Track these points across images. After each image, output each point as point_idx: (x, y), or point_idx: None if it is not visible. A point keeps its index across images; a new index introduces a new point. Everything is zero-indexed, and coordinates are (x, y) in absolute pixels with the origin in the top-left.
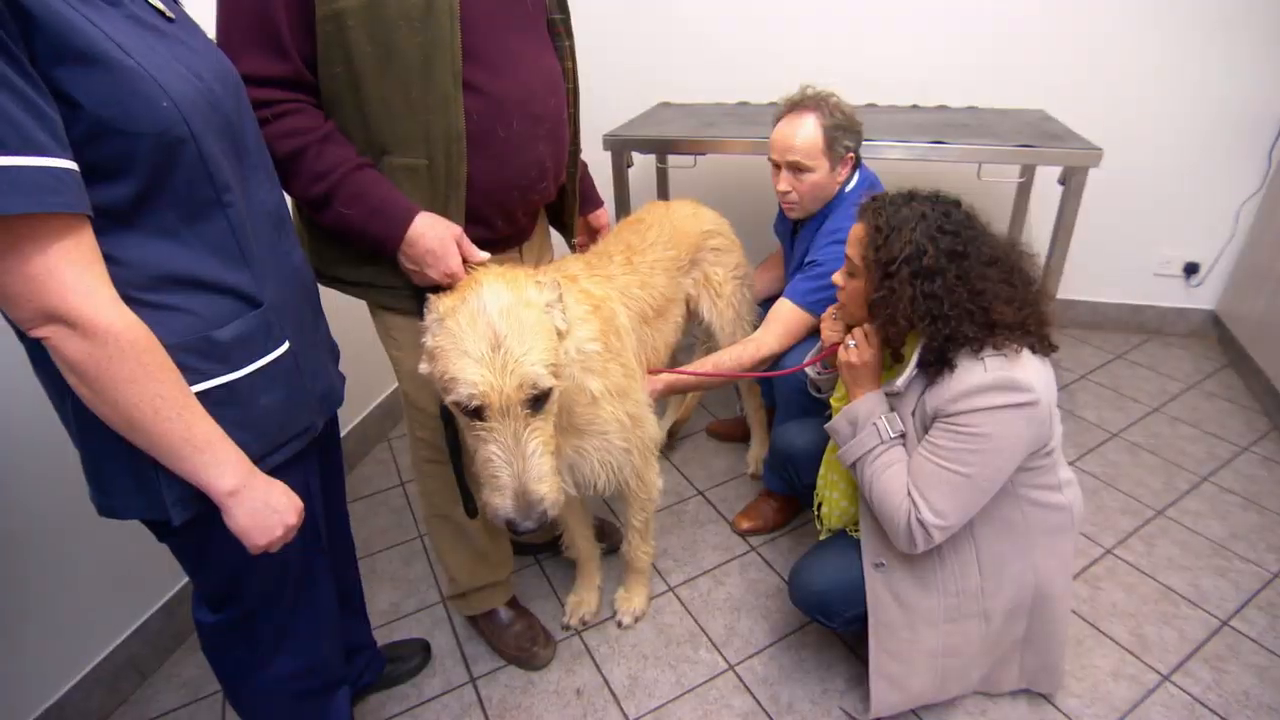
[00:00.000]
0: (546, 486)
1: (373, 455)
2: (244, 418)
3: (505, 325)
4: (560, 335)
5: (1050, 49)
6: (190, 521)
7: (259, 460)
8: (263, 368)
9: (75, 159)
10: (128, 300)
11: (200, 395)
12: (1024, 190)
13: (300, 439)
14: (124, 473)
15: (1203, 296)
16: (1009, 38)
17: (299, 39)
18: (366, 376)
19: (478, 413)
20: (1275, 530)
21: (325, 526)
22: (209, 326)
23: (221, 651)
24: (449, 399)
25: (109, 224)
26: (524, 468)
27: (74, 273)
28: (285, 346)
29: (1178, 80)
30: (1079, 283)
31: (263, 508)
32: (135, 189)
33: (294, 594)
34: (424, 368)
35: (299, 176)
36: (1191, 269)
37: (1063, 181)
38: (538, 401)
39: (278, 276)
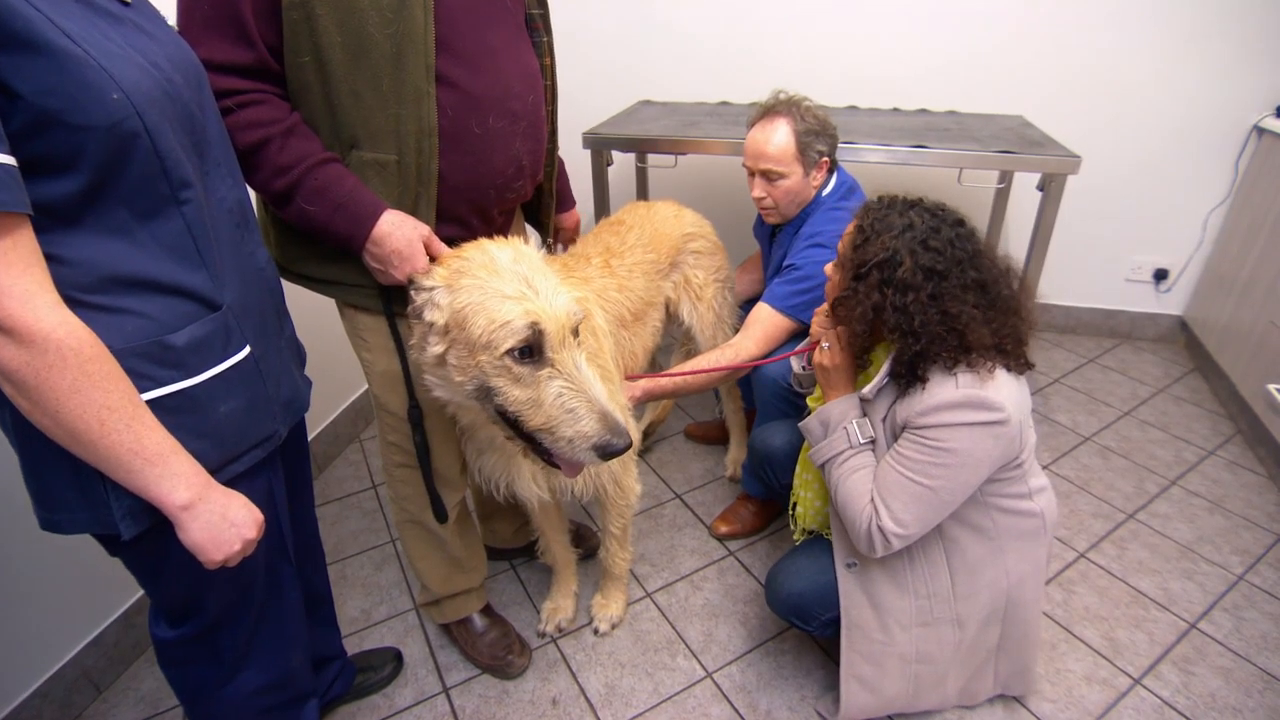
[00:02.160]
0: (619, 409)
1: (344, 456)
2: (201, 426)
3: (526, 268)
4: None
5: (1029, 57)
6: (142, 535)
7: (218, 470)
8: (222, 373)
9: (14, 153)
10: (74, 303)
11: (153, 403)
12: (1002, 195)
13: (262, 447)
14: (68, 485)
15: (1171, 302)
16: (990, 44)
17: (264, 25)
18: (338, 375)
19: (536, 350)
20: (1239, 533)
21: (292, 535)
22: (163, 330)
23: (181, 668)
24: (503, 348)
25: (53, 222)
26: (595, 392)
27: (10, 276)
28: (246, 351)
29: (1151, 91)
30: (1053, 287)
31: (219, 521)
32: (83, 185)
33: (259, 606)
34: (437, 349)
35: (261, 170)
36: (1161, 275)
37: (1041, 188)
38: (575, 332)
39: (239, 278)
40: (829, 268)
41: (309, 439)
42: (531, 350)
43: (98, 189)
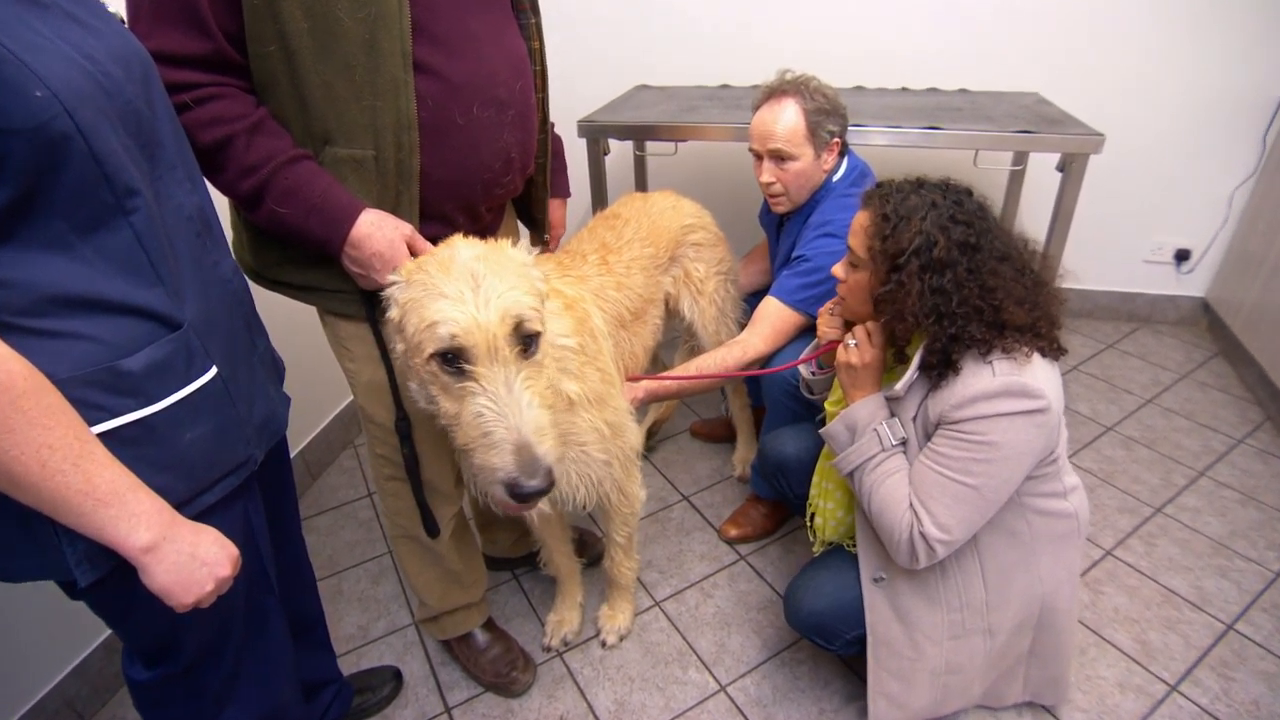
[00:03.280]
0: (549, 442)
1: (338, 463)
2: (164, 457)
3: (484, 266)
4: (540, 297)
5: (1043, 29)
6: (103, 580)
7: (186, 503)
8: (185, 398)
9: None
10: (8, 329)
11: (106, 436)
12: (1016, 178)
13: (236, 474)
14: (13, 528)
15: (1193, 283)
16: (1001, 17)
17: (221, 12)
18: (330, 378)
19: (461, 357)
20: (1275, 527)
21: (276, 560)
22: (115, 355)
23: (160, 709)
24: (427, 352)
25: None
26: (521, 419)
27: None
28: (212, 372)
29: (1172, 62)
30: (1067, 269)
31: (188, 561)
32: (9, 195)
33: (241, 642)
34: (399, 347)
35: (226, 170)
36: (1183, 255)
37: (1061, 168)
38: (527, 346)
39: (202, 291)
40: (838, 269)
41: (301, 447)
42: (456, 359)
43: (28, 200)
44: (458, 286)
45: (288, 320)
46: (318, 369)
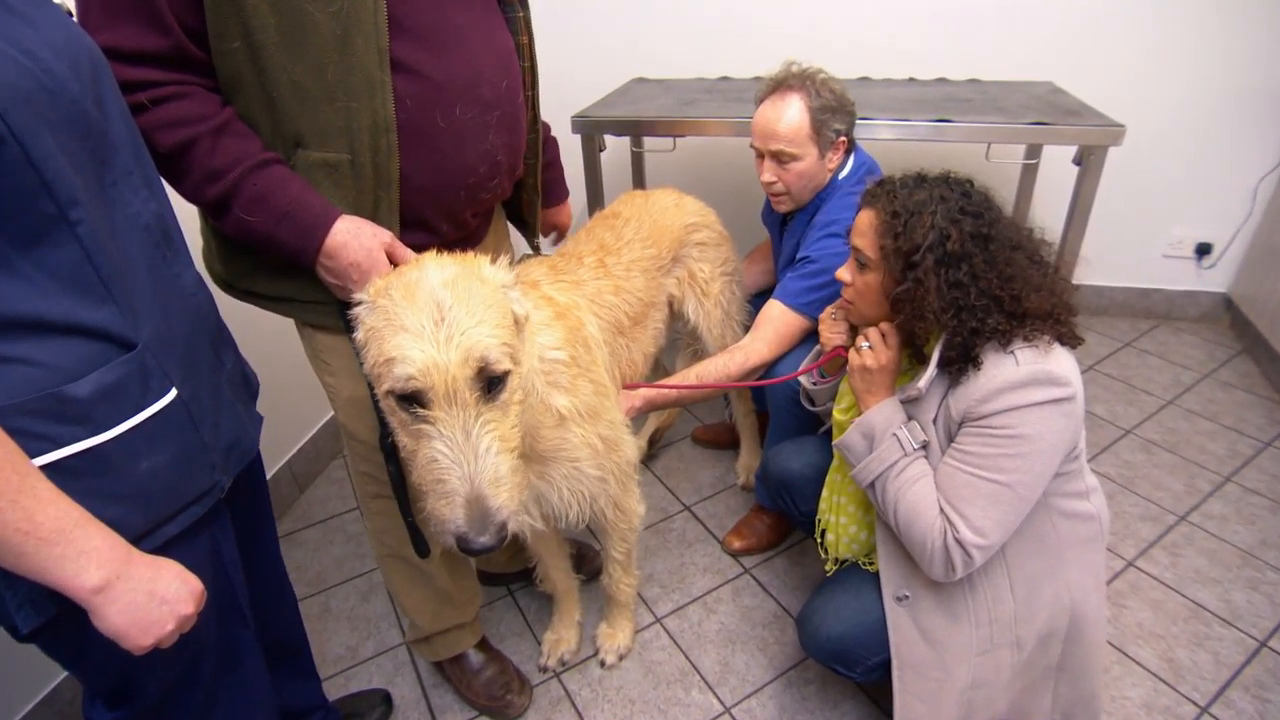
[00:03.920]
0: (505, 494)
1: (326, 474)
2: (118, 488)
3: (450, 296)
4: (518, 323)
5: (1055, 16)
6: (51, 623)
7: (144, 535)
8: (141, 424)
9: None
10: None
11: (52, 467)
12: (1029, 172)
13: (201, 502)
14: None
15: (1215, 278)
16: (1011, 2)
17: (180, 6)
18: (317, 386)
19: (418, 400)
20: None
21: (254, 588)
22: (59, 380)
23: None
24: (384, 388)
25: None
26: (476, 468)
27: None
28: (172, 395)
29: (1191, 48)
30: (1083, 265)
31: (145, 600)
32: None
33: (213, 678)
34: (366, 365)
35: (189, 175)
36: (1204, 249)
37: (1078, 161)
38: (491, 387)
39: (161, 307)
40: (843, 272)
41: (288, 458)
42: (412, 399)
43: None
44: (419, 319)
45: (273, 321)
46: (305, 374)
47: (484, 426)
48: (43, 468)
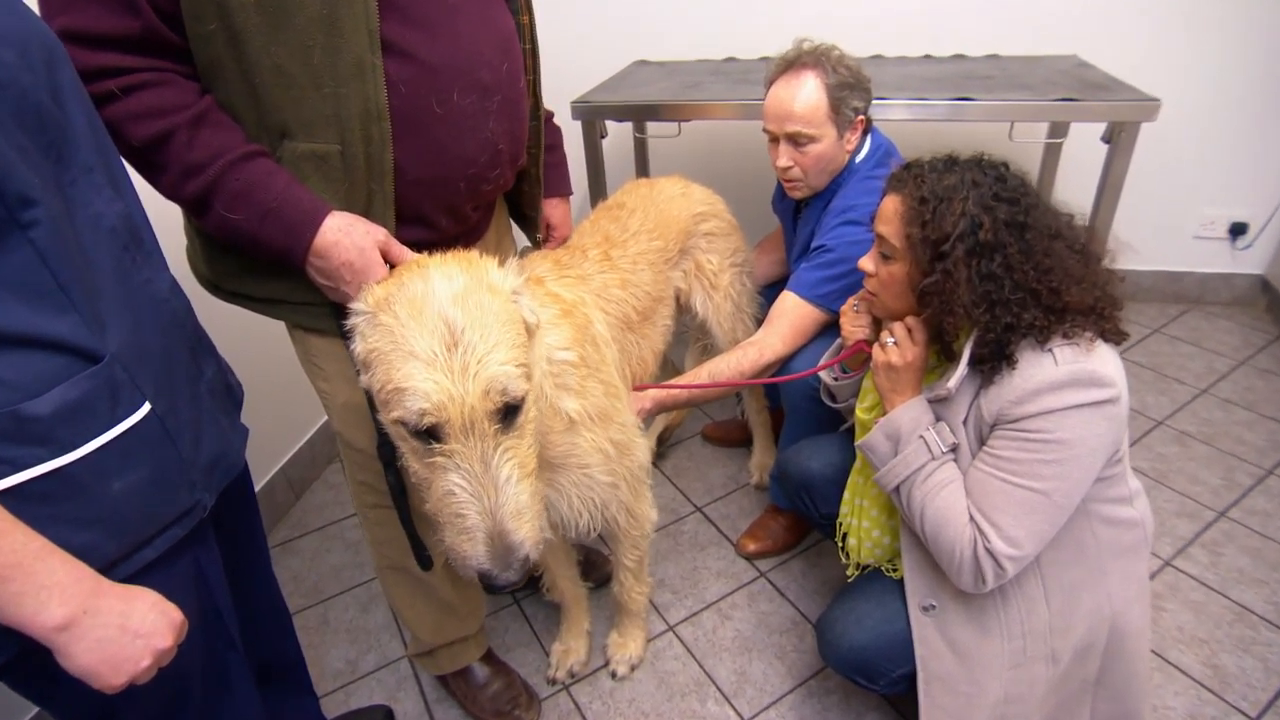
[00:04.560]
0: (527, 526)
1: (324, 479)
2: (87, 512)
3: (462, 315)
4: (529, 331)
5: None
6: (13, 661)
7: (119, 562)
8: (111, 443)
9: None
10: None
11: (10, 493)
12: (1054, 151)
13: (181, 524)
14: None
15: (1250, 260)
16: None
17: None
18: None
19: (432, 433)
20: None
21: (245, 607)
22: (16, 397)
23: None
24: (392, 416)
25: None
26: (497, 501)
27: None
28: (145, 409)
29: (1224, 17)
30: (1121, 250)
31: (116, 635)
32: None
33: (201, 705)
34: (363, 379)
35: (167, 170)
36: (1238, 229)
37: (1108, 139)
38: (509, 414)
39: (131, 315)
40: (866, 261)
41: (283, 463)
42: (426, 431)
43: None
44: (430, 343)
45: (264, 321)
46: (299, 374)
47: (503, 455)
48: (1, 494)
